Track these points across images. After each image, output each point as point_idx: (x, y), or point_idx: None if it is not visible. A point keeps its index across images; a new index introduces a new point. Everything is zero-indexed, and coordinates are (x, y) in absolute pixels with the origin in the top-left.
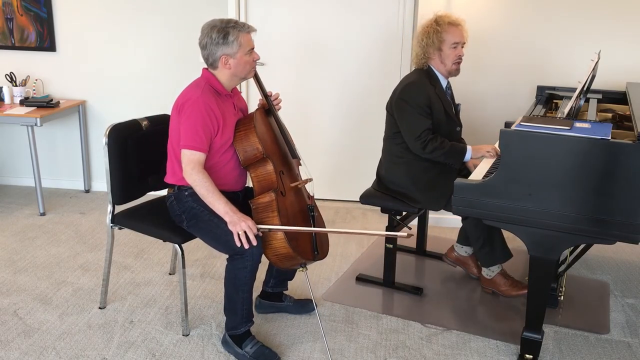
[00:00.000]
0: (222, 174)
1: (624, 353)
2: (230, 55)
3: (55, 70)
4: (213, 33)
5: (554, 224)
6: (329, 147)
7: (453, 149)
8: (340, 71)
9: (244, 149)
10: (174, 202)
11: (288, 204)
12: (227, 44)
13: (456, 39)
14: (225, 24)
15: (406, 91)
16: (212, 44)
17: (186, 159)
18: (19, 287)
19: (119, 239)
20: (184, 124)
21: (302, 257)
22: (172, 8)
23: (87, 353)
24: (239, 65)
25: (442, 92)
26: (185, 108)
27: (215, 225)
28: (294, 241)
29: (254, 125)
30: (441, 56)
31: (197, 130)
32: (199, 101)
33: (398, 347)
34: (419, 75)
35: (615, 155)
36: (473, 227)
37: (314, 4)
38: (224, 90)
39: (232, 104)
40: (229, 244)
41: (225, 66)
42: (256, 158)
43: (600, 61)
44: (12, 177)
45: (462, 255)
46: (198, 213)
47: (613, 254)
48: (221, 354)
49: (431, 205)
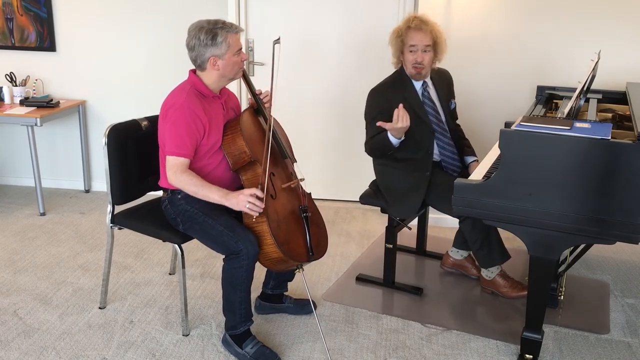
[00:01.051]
0: (216, 175)
1: (624, 353)
2: (219, 57)
3: (55, 70)
4: (201, 34)
5: (554, 224)
6: (329, 147)
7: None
8: (339, 71)
9: (231, 152)
10: (168, 206)
11: (279, 206)
12: (216, 45)
13: (411, 42)
14: (213, 25)
15: (367, 99)
16: (200, 46)
17: (170, 164)
18: (19, 287)
19: (119, 239)
20: (168, 130)
21: (296, 260)
22: (172, 8)
23: (87, 353)
24: (228, 66)
25: (412, 94)
26: (169, 114)
27: (210, 226)
28: (285, 245)
29: (240, 128)
30: (404, 60)
31: (182, 136)
32: (184, 106)
33: (398, 347)
34: (386, 80)
35: (615, 155)
36: (470, 230)
37: (314, 4)
38: (210, 93)
39: (220, 105)
40: (224, 244)
41: (213, 67)
42: (244, 161)
43: (600, 61)
44: (12, 177)
45: (458, 259)
46: (192, 215)
47: (613, 254)
48: (221, 354)
49: (401, 213)
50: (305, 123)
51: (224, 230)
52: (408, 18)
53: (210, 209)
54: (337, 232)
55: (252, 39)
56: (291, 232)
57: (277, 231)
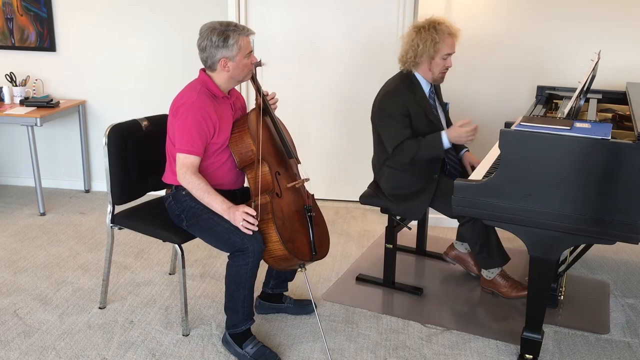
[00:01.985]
0: (220, 174)
1: (624, 353)
2: (230, 58)
3: (55, 70)
4: (213, 36)
5: (554, 224)
6: (329, 147)
7: (426, 141)
8: (339, 71)
9: (238, 151)
10: (172, 202)
11: (284, 204)
12: (227, 47)
13: (449, 50)
14: (226, 27)
15: (384, 101)
16: (211, 47)
17: (180, 162)
18: (19, 287)
19: (119, 239)
20: (179, 128)
21: (299, 258)
22: (172, 8)
23: (87, 353)
24: (238, 68)
25: (423, 98)
26: (180, 112)
27: (215, 223)
28: (290, 243)
29: (247, 126)
30: (431, 64)
31: (192, 134)
32: (195, 105)
33: (398, 347)
34: (397, 82)
35: (615, 155)
36: (470, 233)
37: (314, 5)
38: (221, 93)
39: (229, 106)
40: (230, 241)
41: (224, 69)
42: (251, 160)
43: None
44: (12, 177)
45: (461, 253)
46: (197, 212)
47: (613, 254)
48: (221, 354)
49: (407, 215)
50: (305, 123)
51: (229, 227)
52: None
53: None
54: (337, 232)
55: (252, 39)
56: (295, 230)
57: (283, 229)
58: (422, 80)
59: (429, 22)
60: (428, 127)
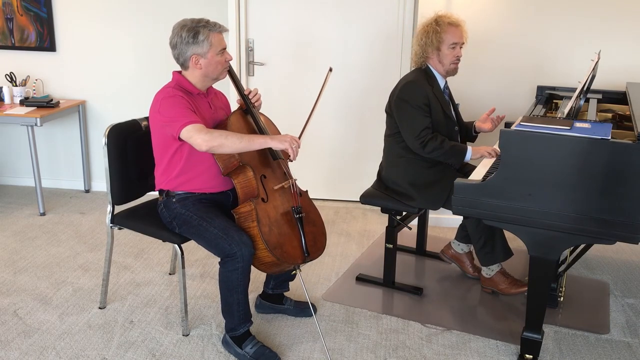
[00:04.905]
0: (211, 175)
1: (624, 353)
2: (201, 55)
3: (55, 70)
4: (183, 32)
5: (554, 224)
6: (329, 147)
7: (453, 149)
8: (340, 71)
9: (221, 157)
10: (163, 209)
11: (271, 208)
12: (197, 43)
13: (455, 39)
14: (196, 23)
15: (405, 90)
16: (182, 43)
17: (187, 134)
18: (19, 287)
19: (119, 239)
20: (167, 114)
21: (290, 263)
22: (172, 8)
23: (87, 353)
24: (210, 66)
25: (439, 91)
26: (162, 102)
27: (204, 229)
28: (278, 249)
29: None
30: (439, 56)
31: (182, 110)
32: (171, 92)
33: (398, 347)
34: (417, 75)
35: (615, 155)
36: (474, 227)
37: (314, 4)
38: (195, 90)
39: (206, 103)
40: (219, 247)
41: (196, 66)
42: (234, 166)
43: (600, 61)
44: (12, 177)
45: (458, 253)
46: (187, 219)
47: (613, 254)
48: (221, 354)
49: (429, 205)
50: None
51: (218, 233)
52: (442, 15)
53: (205, 212)
54: (337, 232)
55: (252, 39)
56: (284, 234)
57: (269, 236)
58: (437, 75)
59: (432, 17)
60: (445, 120)
